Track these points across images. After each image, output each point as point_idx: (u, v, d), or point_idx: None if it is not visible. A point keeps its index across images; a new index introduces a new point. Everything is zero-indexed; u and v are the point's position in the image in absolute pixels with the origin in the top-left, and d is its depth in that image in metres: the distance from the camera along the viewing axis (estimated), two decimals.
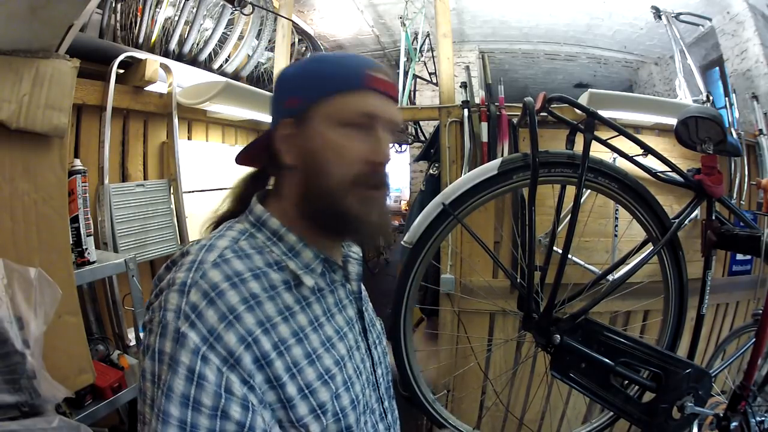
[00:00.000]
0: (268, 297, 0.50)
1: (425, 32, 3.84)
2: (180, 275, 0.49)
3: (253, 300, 0.49)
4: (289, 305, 0.52)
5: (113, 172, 1.62)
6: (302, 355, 0.51)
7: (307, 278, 0.55)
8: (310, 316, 0.55)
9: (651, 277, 1.27)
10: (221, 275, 0.48)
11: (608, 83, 4.64)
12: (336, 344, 0.56)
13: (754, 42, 2.89)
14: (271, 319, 0.49)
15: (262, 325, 0.48)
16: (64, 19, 0.86)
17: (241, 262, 0.51)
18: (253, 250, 0.54)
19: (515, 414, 2.00)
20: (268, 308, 0.50)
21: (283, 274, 0.54)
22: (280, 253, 0.55)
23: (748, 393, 1.15)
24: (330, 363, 0.54)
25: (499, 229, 1.95)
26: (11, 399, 0.78)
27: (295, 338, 0.51)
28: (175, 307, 0.46)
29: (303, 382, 0.50)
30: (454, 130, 1.98)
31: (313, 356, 0.52)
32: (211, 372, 0.43)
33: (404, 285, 0.89)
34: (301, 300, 0.55)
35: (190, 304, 0.46)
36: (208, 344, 0.44)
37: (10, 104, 0.85)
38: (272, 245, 0.56)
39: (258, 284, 0.50)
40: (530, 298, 0.96)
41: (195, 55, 2.29)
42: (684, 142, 1.02)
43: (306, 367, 0.51)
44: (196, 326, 0.45)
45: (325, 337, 0.55)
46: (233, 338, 0.45)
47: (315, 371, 0.51)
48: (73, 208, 1.14)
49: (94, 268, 1.19)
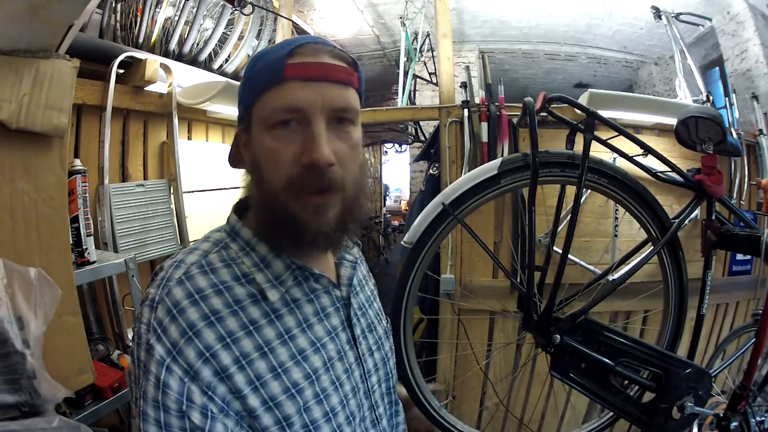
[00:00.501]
0: (230, 312, 0.50)
1: (425, 32, 3.84)
2: (151, 291, 0.51)
3: (214, 316, 0.49)
4: (253, 319, 0.51)
5: (113, 172, 1.62)
6: (266, 369, 0.50)
7: (271, 292, 0.53)
8: (280, 329, 0.53)
9: (651, 277, 1.27)
10: (183, 293, 0.49)
11: (608, 83, 4.64)
12: (309, 357, 0.54)
13: (754, 42, 2.89)
14: (233, 334, 0.49)
15: (222, 340, 0.49)
16: (64, 19, 0.86)
17: (204, 278, 0.51)
18: (221, 264, 0.53)
19: (515, 414, 2.01)
20: (229, 323, 0.50)
21: (249, 287, 0.53)
22: (251, 265, 0.54)
23: (748, 393, 1.15)
24: (299, 376, 0.52)
25: (499, 229, 1.95)
26: (11, 399, 0.79)
27: (259, 352, 0.50)
28: (146, 321, 0.49)
29: (267, 395, 0.49)
30: (454, 130, 1.98)
31: (278, 370, 0.51)
32: (174, 381, 0.46)
33: (404, 285, 0.89)
34: (270, 313, 0.53)
35: (157, 319, 0.48)
36: (171, 357, 0.47)
37: (10, 104, 0.85)
38: (244, 256, 0.55)
39: (220, 300, 0.50)
40: (530, 299, 0.96)
41: (195, 55, 2.29)
42: (684, 142, 1.02)
43: (270, 380, 0.50)
44: (161, 340, 0.47)
45: (297, 350, 0.53)
46: (192, 353, 0.47)
47: (281, 384, 0.50)
48: (73, 208, 1.14)
49: (94, 268, 1.19)
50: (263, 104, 0.51)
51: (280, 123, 0.50)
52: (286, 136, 0.50)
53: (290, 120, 0.50)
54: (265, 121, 0.51)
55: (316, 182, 0.50)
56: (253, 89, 0.53)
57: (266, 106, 0.51)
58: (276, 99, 0.50)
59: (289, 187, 0.50)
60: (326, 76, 0.51)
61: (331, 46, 0.53)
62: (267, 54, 0.53)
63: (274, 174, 0.51)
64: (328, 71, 0.51)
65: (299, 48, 0.51)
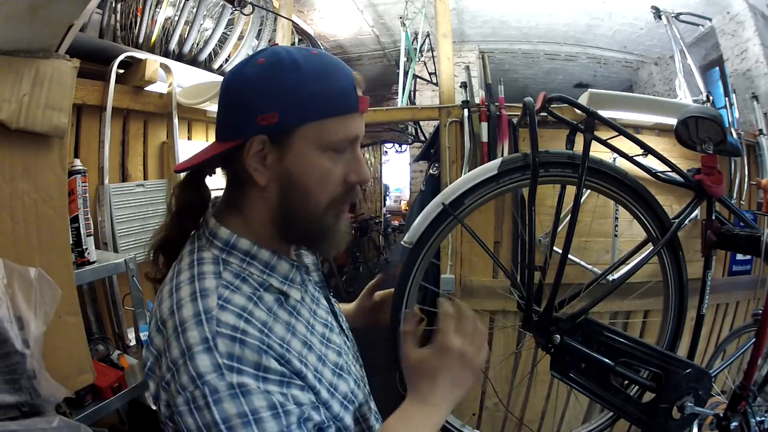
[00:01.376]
0: (274, 320, 0.52)
1: (425, 32, 3.84)
2: (192, 334, 0.45)
3: (265, 327, 0.50)
4: (287, 321, 0.54)
5: (113, 172, 1.62)
6: (316, 360, 0.54)
7: (293, 291, 0.57)
8: (303, 322, 0.56)
9: (651, 277, 1.27)
10: (233, 315, 0.47)
11: (608, 83, 4.64)
12: (329, 337, 0.60)
13: (754, 42, 2.89)
14: (284, 339, 0.51)
15: (283, 347, 0.50)
16: (64, 19, 0.86)
17: (239, 296, 0.50)
18: (238, 280, 0.52)
19: (515, 414, 2.01)
20: (278, 330, 0.51)
21: (270, 292, 0.54)
22: (259, 273, 0.54)
23: (748, 393, 1.15)
24: (334, 357, 0.57)
25: (499, 229, 1.95)
26: (11, 399, 0.78)
27: (306, 347, 0.53)
28: (212, 367, 0.43)
29: (327, 383, 0.53)
30: (454, 130, 1.98)
31: (323, 357, 0.55)
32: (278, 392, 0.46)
33: (404, 285, 0.89)
34: (292, 311, 0.56)
35: (227, 354, 0.44)
36: (260, 379, 0.45)
37: (10, 104, 0.85)
38: (248, 266, 0.54)
39: (261, 311, 0.51)
40: (530, 299, 0.96)
41: (195, 55, 2.29)
42: (684, 142, 1.02)
43: (322, 369, 0.54)
44: (243, 371, 0.44)
45: (320, 335, 0.58)
46: (273, 362, 0.47)
47: (329, 370, 0.55)
48: (73, 208, 1.14)
49: (94, 268, 1.19)
50: (329, 127, 0.51)
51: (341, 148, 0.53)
52: (339, 158, 0.53)
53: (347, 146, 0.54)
54: (326, 143, 0.51)
55: (353, 198, 0.57)
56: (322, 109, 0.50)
57: (333, 131, 0.51)
58: (347, 127, 0.52)
59: (332, 204, 0.54)
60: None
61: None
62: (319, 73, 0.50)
63: (324, 193, 0.53)
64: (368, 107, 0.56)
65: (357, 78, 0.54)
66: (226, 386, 0.43)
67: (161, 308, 0.50)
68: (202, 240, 0.56)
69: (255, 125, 0.50)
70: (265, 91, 0.50)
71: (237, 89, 0.52)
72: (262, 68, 0.51)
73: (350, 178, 0.54)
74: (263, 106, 0.50)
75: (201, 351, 0.44)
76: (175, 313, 0.48)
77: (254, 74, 0.51)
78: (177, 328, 0.46)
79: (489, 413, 2.01)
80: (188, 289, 0.49)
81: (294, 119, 0.50)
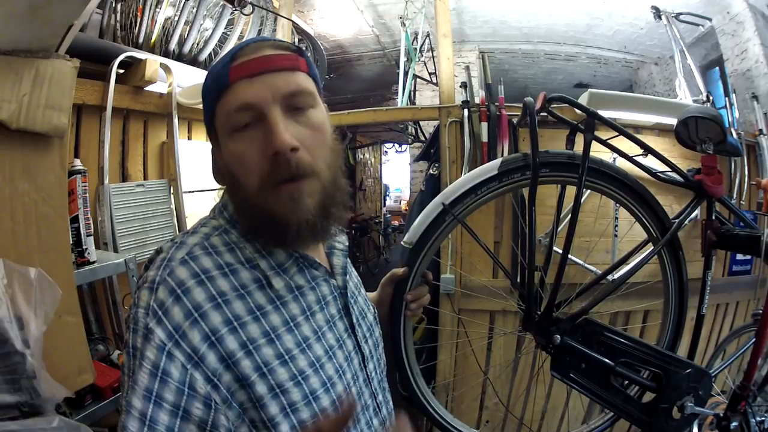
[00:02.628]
0: (237, 296, 0.49)
1: (425, 32, 3.84)
2: (150, 273, 0.49)
3: (221, 298, 0.48)
4: (260, 305, 0.51)
5: (113, 172, 1.62)
6: (273, 355, 0.49)
7: (276, 279, 0.53)
8: (285, 315, 0.53)
9: (651, 277, 1.27)
10: (188, 272, 0.47)
11: (608, 83, 4.64)
12: (313, 345, 0.54)
13: (754, 42, 2.89)
14: (240, 318, 0.48)
15: (229, 324, 0.47)
16: (64, 19, 0.86)
17: (209, 259, 0.50)
18: (225, 247, 0.52)
19: (515, 414, 2.01)
20: (236, 307, 0.49)
21: (254, 272, 0.52)
22: (253, 251, 0.53)
23: (748, 393, 1.15)
24: (304, 364, 0.52)
25: (499, 229, 1.95)
26: (11, 399, 0.79)
27: (266, 338, 0.50)
28: (144, 304, 0.46)
29: (274, 381, 0.49)
30: (454, 130, 1.98)
31: (285, 357, 0.50)
32: (175, 369, 0.43)
33: (404, 285, 0.89)
34: (275, 299, 0.53)
35: (158, 301, 0.46)
36: (173, 341, 0.44)
37: (10, 104, 0.85)
38: (246, 242, 0.54)
39: (226, 282, 0.49)
40: (530, 299, 0.96)
41: (195, 55, 2.29)
42: (684, 142, 1.02)
43: (277, 367, 0.49)
44: (162, 323, 0.45)
45: (302, 338, 0.53)
46: (197, 336, 0.45)
47: (288, 372, 0.50)
48: (73, 208, 1.14)
49: (94, 268, 1.19)
50: (219, 113, 0.52)
51: (239, 126, 0.51)
52: (248, 137, 0.50)
53: (247, 120, 0.50)
54: (225, 128, 0.52)
55: (284, 171, 0.49)
56: (209, 102, 0.54)
57: (222, 114, 0.52)
58: (227, 103, 0.51)
59: (262, 184, 0.50)
60: (269, 68, 0.51)
61: (272, 41, 0.54)
62: (214, 66, 0.55)
63: (247, 176, 0.51)
64: (269, 62, 0.51)
65: (240, 51, 0.52)
66: (143, 326, 0.45)
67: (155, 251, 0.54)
68: (215, 211, 0.58)
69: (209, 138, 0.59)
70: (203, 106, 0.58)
71: None
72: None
73: (267, 151, 0.49)
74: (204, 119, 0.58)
75: (146, 288, 0.47)
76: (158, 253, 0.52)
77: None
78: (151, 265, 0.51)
79: (489, 413, 2.01)
80: (177, 238, 0.53)
81: (207, 120, 0.56)
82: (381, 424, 0.62)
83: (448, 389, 1.97)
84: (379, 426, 0.62)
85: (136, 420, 0.42)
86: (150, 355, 0.44)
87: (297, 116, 0.52)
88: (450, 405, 1.97)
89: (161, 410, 0.42)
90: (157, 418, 0.42)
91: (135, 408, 0.42)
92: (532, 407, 1.99)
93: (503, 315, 1.94)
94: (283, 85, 0.51)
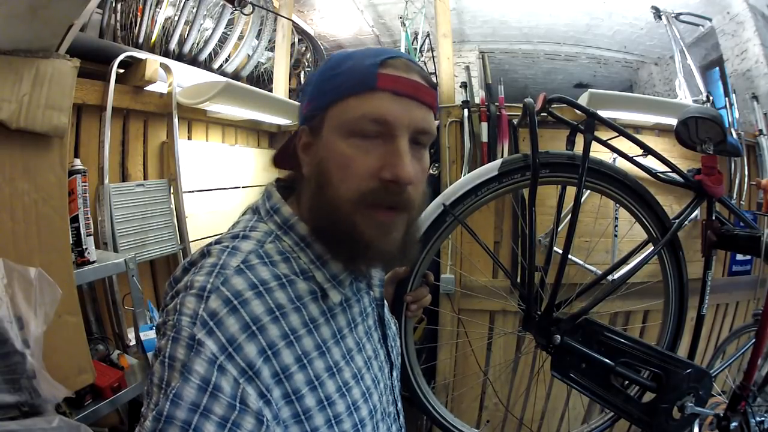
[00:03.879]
0: (294, 308, 0.48)
1: (425, 32, 3.84)
2: (199, 278, 0.45)
3: (279, 311, 0.46)
4: (314, 317, 0.50)
5: (113, 172, 1.62)
6: (324, 368, 0.49)
7: (333, 293, 0.52)
8: (334, 328, 0.52)
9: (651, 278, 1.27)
10: (245, 283, 0.45)
11: (608, 83, 4.64)
12: (355, 356, 0.54)
13: (754, 42, 2.89)
14: (296, 332, 0.47)
15: (287, 338, 0.46)
16: (64, 19, 0.86)
17: (267, 269, 0.48)
18: (280, 256, 0.50)
19: (515, 414, 2.01)
20: (293, 320, 0.47)
21: (309, 283, 0.51)
22: (308, 261, 0.52)
23: (748, 393, 1.15)
24: (348, 376, 0.52)
25: (499, 229, 1.95)
26: (11, 399, 0.79)
27: (318, 351, 0.49)
28: (191, 312, 0.43)
29: (323, 394, 0.48)
30: (454, 130, 1.98)
31: (334, 369, 0.50)
32: (227, 383, 0.41)
33: (405, 286, 0.89)
34: (326, 312, 0.52)
35: (209, 310, 0.42)
36: (226, 354, 0.41)
37: (10, 104, 0.85)
38: (300, 251, 0.52)
39: (284, 294, 0.47)
40: (530, 299, 0.96)
41: (195, 55, 2.29)
42: (684, 143, 1.02)
43: (327, 379, 0.49)
44: (214, 334, 0.42)
45: (346, 350, 0.53)
46: (254, 350, 0.43)
47: (335, 384, 0.50)
48: (73, 208, 1.14)
49: (94, 268, 1.19)
50: (346, 108, 0.49)
51: (362, 133, 0.48)
52: (365, 147, 0.49)
53: (375, 132, 0.48)
54: (345, 126, 0.49)
55: (390, 199, 0.49)
56: (336, 90, 0.50)
57: (350, 112, 0.49)
58: (363, 106, 0.48)
59: (361, 200, 0.48)
60: (416, 95, 0.50)
61: (419, 66, 0.53)
62: (354, 56, 0.51)
63: (346, 184, 0.49)
64: (419, 90, 0.50)
65: (392, 60, 0.50)
66: (187, 336, 0.42)
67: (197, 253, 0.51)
68: (261, 212, 0.55)
69: (301, 116, 0.55)
70: (311, 83, 0.54)
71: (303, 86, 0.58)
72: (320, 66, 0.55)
73: (383, 173, 0.48)
74: (306, 97, 0.54)
75: (194, 294, 0.44)
76: (204, 256, 0.49)
77: (314, 72, 0.56)
78: (196, 269, 0.47)
79: (489, 413, 2.01)
80: (227, 243, 0.49)
81: (319, 104, 0.51)
82: (399, 431, 0.64)
83: (448, 389, 1.97)
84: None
85: (177, 428, 0.38)
86: (198, 368, 0.40)
87: (415, 152, 0.51)
88: (450, 405, 1.97)
89: (208, 422, 0.39)
90: (203, 428, 0.39)
91: (177, 418, 0.39)
92: (532, 407, 1.99)
93: (503, 315, 1.94)
94: (420, 119, 0.50)
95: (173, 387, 0.40)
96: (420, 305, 0.89)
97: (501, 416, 2.01)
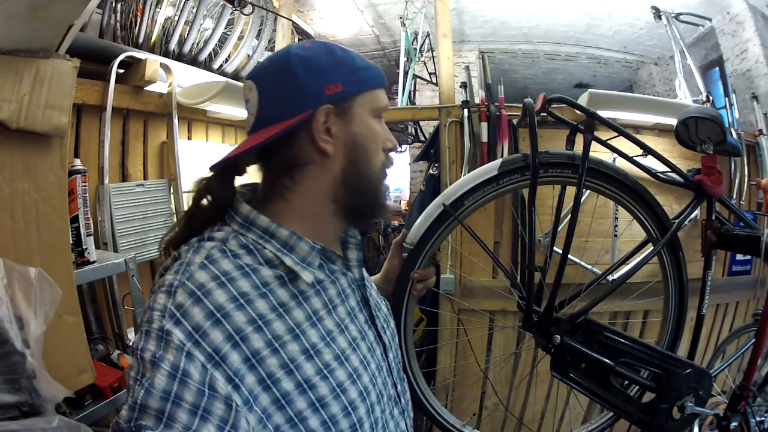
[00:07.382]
0: (259, 294, 0.49)
1: (425, 32, 3.84)
2: (168, 277, 0.48)
3: (243, 298, 0.48)
4: (283, 301, 0.51)
5: (113, 172, 1.62)
6: (299, 351, 0.50)
7: (305, 273, 0.54)
8: (308, 310, 0.53)
9: (651, 277, 1.27)
10: (208, 275, 0.47)
11: (608, 83, 4.64)
12: (336, 338, 0.55)
13: (754, 42, 2.89)
14: (264, 317, 0.49)
15: (254, 323, 0.47)
16: (64, 19, 0.86)
17: (229, 261, 0.50)
18: (243, 249, 0.52)
19: (515, 414, 2.01)
20: (259, 305, 0.49)
21: (275, 270, 0.53)
22: (274, 250, 0.54)
23: (748, 393, 1.15)
24: (330, 357, 0.52)
25: (499, 229, 1.95)
26: (11, 399, 0.79)
27: (291, 334, 0.50)
28: (161, 307, 0.45)
29: (301, 377, 0.49)
30: (454, 130, 1.98)
31: (311, 351, 0.51)
32: (195, 369, 0.42)
33: (404, 286, 0.89)
34: (298, 295, 0.53)
35: (176, 303, 0.45)
36: (193, 341, 0.43)
37: (10, 104, 0.85)
38: (264, 243, 0.54)
39: (248, 282, 0.49)
40: (530, 299, 0.96)
41: (195, 55, 2.29)
42: (684, 143, 1.02)
43: (303, 362, 0.50)
44: (181, 323, 0.44)
45: (325, 331, 0.54)
46: (220, 336, 0.45)
47: (313, 366, 0.51)
48: (73, 208, 1.14)
49: (94, 268, 1.19)
50: (374, 97, 0.60)
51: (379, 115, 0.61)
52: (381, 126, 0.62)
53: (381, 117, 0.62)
54: (372, 109, 0.60)
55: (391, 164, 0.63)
56: (365, 79, 0.59)
57: (378, 100, 0.60)
58: (383, 97, 0.62)
59: (382, 167, 0.61)
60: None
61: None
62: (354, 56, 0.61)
63: (377, 154, 0.60)
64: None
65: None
66: (157, 329, 0.44)
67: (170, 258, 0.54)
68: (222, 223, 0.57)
69: (321, 96, 0.55)
70: (328, 64, 0.56)
71: (294, 67, 0.55)
72: (313, 49, 0.57)
73: (386, 144, 0.61)
74: (327, 78, 0.56)
75: (163, 291, 0.47)
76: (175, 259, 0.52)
77: (309, 53, 0.57)
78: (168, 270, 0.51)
79: (489, 413, 2.01)
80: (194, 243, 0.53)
81: (355, 87, 0.58)
82: (401, 414, 0.64)
83: (448, 389, 1.97)
84: (399, 415, 0.63)
85: (152, 418, 0.40)
86: (168, 356, 0.42)
87: None
88: (450, 405, 1.97)
89: (180, 409, 0.41)
90: (176, 416, 0.40)
91: (151, 408, 0.40)
92: (532, 407, 1.99)
93: (503, 315, 1.94)
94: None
95: (148, 377, 0.42)
96: (425, 285, 0.89)
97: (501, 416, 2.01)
